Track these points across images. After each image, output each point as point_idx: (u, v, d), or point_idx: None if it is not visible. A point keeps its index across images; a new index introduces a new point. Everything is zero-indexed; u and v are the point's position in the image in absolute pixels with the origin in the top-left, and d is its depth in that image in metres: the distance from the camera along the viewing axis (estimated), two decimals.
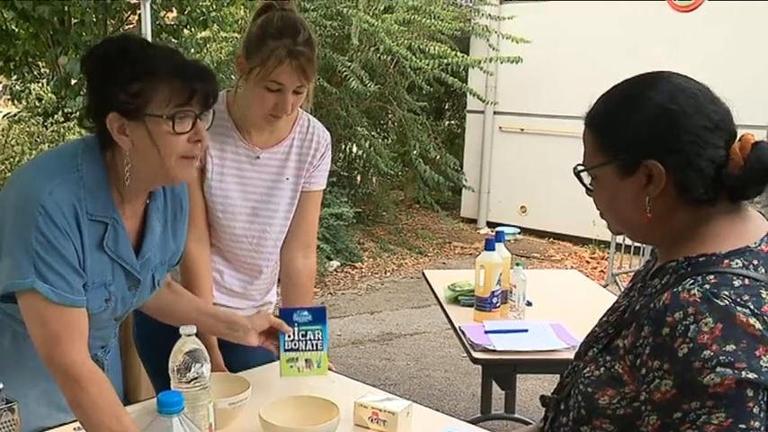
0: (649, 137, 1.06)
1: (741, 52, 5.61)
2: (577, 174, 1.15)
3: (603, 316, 1.23)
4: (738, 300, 0.96)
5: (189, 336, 1.45)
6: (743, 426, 0.93)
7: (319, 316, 1.71)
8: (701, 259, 1.04)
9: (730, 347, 0.93)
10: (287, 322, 1.70)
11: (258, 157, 1.88)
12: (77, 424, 1.42)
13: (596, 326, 1.22)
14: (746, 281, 0.99)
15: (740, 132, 1.08)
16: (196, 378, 1.42)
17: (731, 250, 1.03)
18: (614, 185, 1.10)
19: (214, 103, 1.42)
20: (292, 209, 1.95)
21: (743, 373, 0.92)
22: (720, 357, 0.93)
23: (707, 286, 0.98)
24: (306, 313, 1.71)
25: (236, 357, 1.88)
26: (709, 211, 1.07)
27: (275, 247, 1.96)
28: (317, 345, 1.71)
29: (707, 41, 5.70)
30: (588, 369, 1.11)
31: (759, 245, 1.04)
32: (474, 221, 7.51)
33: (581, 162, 1.15)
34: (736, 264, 1.01)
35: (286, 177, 1.91)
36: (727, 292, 0.97)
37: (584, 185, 1.15)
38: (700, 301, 0.96)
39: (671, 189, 1.06)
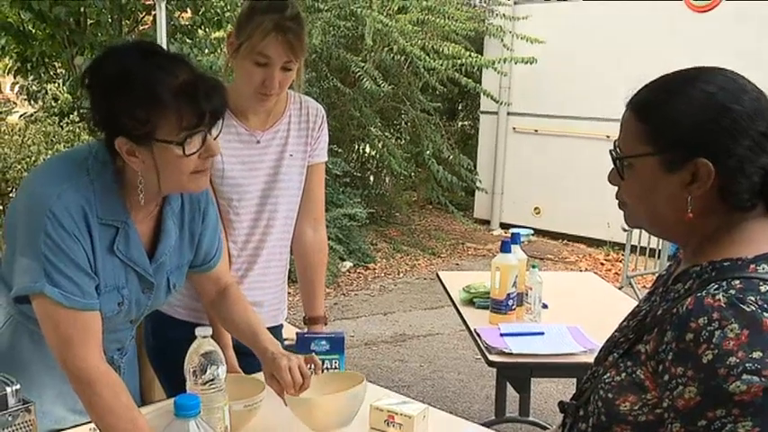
0: (707, 136, 1.01)
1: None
2: (614, 159, 1.10)
3: (624, 320, 1.21)
4: (765, 306, 0.94)
5: (204, 338, 1.45)
6: None
7: (337, 345, 1.71)
8: (725, 264, 1.02)
9: (757, 354, 0.91)
10: (305, 349, 1.69)
11: (258, 141, 1.90)
12: (93, 425, 1.42)
13: (616, 330, 1.20)
14: None
15: None
16: (212, 380, 1.42)
17: (758, 255, 1.01)
18: (654, 178, 1.05)
19: (224, 113, 1.39)
20: (301, 185, 1.97)
21: None
22: (747, 364, 0.91)
23: (732, 291, 0.96)
24: (324, 342, 1.71)
25: (251, 362, 1.87)
26: (743, 216, 1.04)
27: (286, 229, 1.95)
28: None
29: (731, 41, 5.62)
30: (608, 374, 1.09)
31: None
32: (487, 222, 7.49)
33: (617, 146, 1.09)
34: (763, 269, 0.99)
35: (290, 154, 1.93)
36: (753, 298, 0.94)
37: (618, 171, 1.10)
38: (725, 306, 0.94)
39: (713, 191, 1.02)
